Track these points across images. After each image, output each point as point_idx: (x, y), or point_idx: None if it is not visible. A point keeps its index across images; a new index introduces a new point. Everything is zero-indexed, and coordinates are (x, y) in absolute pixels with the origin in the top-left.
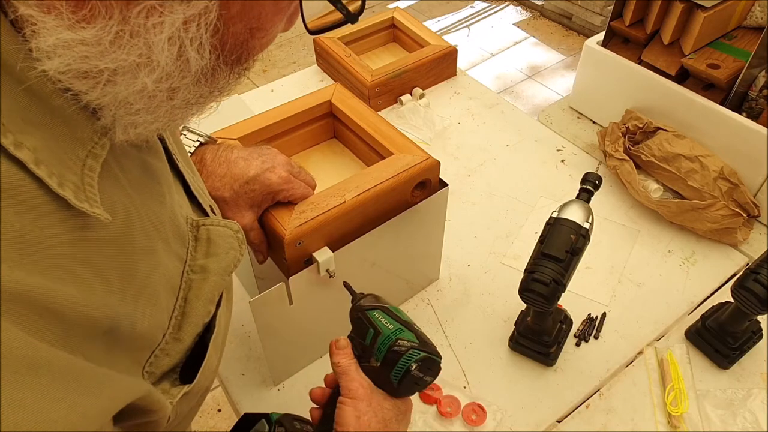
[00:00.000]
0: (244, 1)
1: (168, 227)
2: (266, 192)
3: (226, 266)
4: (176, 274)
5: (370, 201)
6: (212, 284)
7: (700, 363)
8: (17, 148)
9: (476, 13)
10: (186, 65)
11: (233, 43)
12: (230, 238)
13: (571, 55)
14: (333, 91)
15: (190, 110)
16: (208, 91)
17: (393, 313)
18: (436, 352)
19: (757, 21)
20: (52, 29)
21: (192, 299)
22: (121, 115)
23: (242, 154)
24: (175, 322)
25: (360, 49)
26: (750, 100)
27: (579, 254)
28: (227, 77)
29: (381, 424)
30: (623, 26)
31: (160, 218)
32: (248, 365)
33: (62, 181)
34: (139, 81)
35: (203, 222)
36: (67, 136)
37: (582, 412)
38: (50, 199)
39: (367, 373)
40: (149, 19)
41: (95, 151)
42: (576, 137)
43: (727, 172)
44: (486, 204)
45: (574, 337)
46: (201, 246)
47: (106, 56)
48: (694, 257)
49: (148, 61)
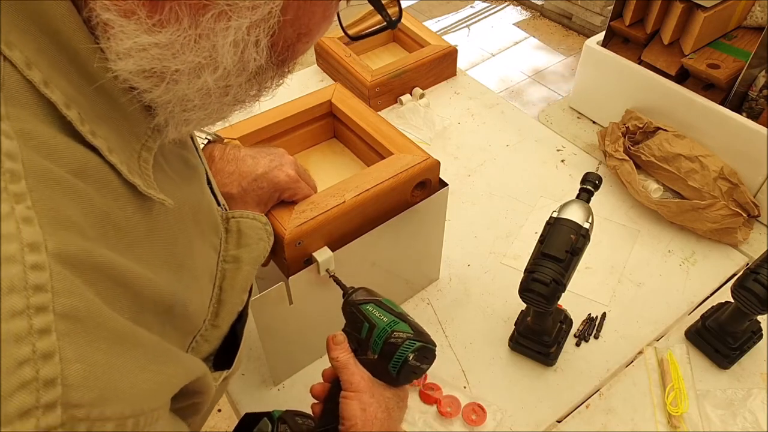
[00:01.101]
0: (298, 8)
1: (205, 217)
2: (273, 190)
3: (256, 256)
4: (212, 263)
5: (369, 201)
6: (245, 273)
7: (700, 363)
8: (93, 136)
9: (476, 13)
10: (244, 65)
11: (282, 46)
12: (259, 229)
13: (571, 55)
14: (333, 91)
15: (235, 107)
16: (256, 90)
17: (386, 306)
18: (431, 340)
19: (757, 21)
20: (131, 33)
21: (227, 288)
22: (177, 112)
23: (250, 152)
24: (213, 309)
25: (360, 49)
26: (750, 100)
27: (579, 254)
28: (272, 78)
29: (385, 413)
30: (623, 26)
31: (200, 207)
32: (248, 365)
33: (130, 169)
34: (201, 80)
35: (232, 215)
36: (125, 130)
37: (582, 412)
38: (123, 185)
39: (365, 366)
40: (218, 23)
41: (148, 144)
42: (576, 137)
43: (727, 172)
44: (486, 204)
45: (574, 337)
46: (232, 237)
47: (177, 58)
48: (694, 257)
49: (212, 62)
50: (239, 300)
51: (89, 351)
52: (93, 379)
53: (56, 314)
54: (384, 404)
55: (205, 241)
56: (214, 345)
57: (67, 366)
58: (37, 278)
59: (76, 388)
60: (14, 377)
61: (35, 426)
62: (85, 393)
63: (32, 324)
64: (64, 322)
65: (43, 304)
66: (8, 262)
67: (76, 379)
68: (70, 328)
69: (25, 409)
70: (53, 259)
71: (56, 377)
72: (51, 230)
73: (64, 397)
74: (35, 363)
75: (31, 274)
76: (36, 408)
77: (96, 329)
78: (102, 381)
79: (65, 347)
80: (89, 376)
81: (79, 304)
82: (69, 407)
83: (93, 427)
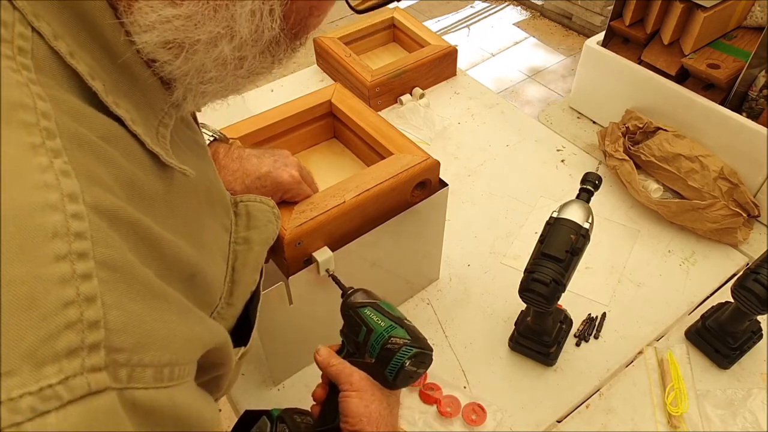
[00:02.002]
0: None
1: (217, 197)
2: (276, 189)
3: (266, 238)
4: (224, 243)
5: (369, 201)
6: (256, 254)
7: (700, 363)
8: (117, 106)
9: (476, 13)
10: (259, 35)
11: (295, 19)
12: (267, 212)
13: (571, 55)
14: (333, 91)
15: (249, 80)
16: (270, 62)
17: (384, 310)
18: (428, 346)
19: (757, 21)
20: (156, 6)
21: (239, 268)
22: (194, 84)
23: (255, 152)
24: (227, 288)
25: (360, 49)
26: (750, 100)
27: (579, 254)
28: (285, 50)
29: (387, 409)
30: (623, 26)
31: (213, 186)
32: (248, 365)
33: (152, 140)
34: (218, 49)
35: (240, 199)
36: (144, 106)
37: (582, 412)
38: (145, 154)
39: (362, 369)
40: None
41: (165, 120)
42: (576, 137)
43: (727, 172)
44: (486, 204)
45: (574, 337)
46: (241, 220)
47: (198, 28)
48: (694, 257)
49: (229, 31)
50: (252, 279)
51: (126, 300)
52: (132, 326)
53: (96, 261)
54: (385, 401)
55: (217, 221)
56: (230, 323)
57: (108, 311)
58: (78, 226)
59: (117, 333)
60: (61, 317)
61: (81, 365)
62: (125, 338)
63: (75, 269)
64: (104, 270)
65: (84, 251)
66: (51, 209)
67: (116, 324)
68: (109, 276)
69: (72, 348)
70: (91, 211)
71: (99, 320)
72: (86, 184)
73: (107, 341)
74: (80, 305)
75: (72, 222)
76: (81, 348)
77: (132, 281)
78: (140, 329)
79: (105, 293)
80: (128, 322)
81: (115, 255)
82: (111, 351)
83: (134, 372)
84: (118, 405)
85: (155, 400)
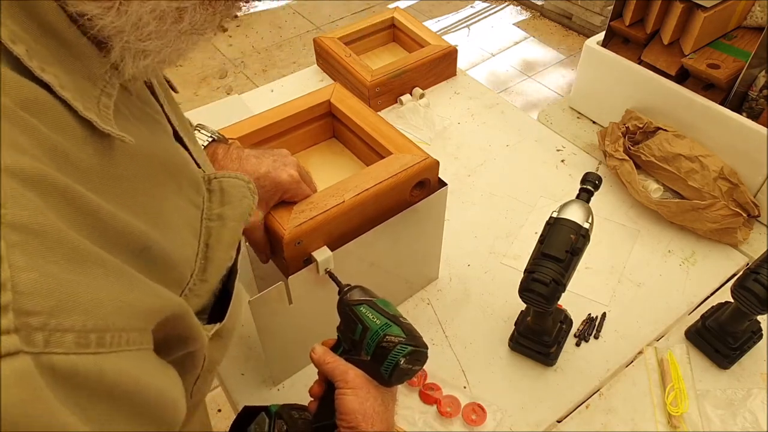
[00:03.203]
0: None
1: (180, 172)
2: (275, 189)
3: (241, 213)
4: (194, 219)
5: (369, 201)
6: (231, 230)
7: (700, 363)
8: (43, 71)
9: (476, 13)
10: None
11: None
12: (242, 187)
13: (571, 55)
14: (332, 91)
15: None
16: (211, 15)
17: (379, 307)
18: (423, 344)
19: (757, 21)
20: None
21: (213, 244)
22: (132, 41)
23: (254, 152)
24: (200, 265)
25: (360, 49)
26: (750, 100)
27: (579, 254)
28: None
29: (382, 406)
30: (623, 26)
31: (172, 161)
32: (248, 365)
33: (86, 106)
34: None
35: (214, 175)
36: (80, 73)
37: (582, 412)
38: (77, 122)
39: (358, 366)
40: None
41: (107, 90)
42: (576, 137)
43: (727, 172)
44: (486, 204)
45: (574, 337)
46: (215, 196)
47: None
48: (694, 257)
49: None
50: (227, 256)
51: (44, 263)
52: (48, 289)
53: (4, 223)
54: (380, 398)
55: (182, 196)
56: (205, 300)
57: (18, 273)
58: None
59: (28, 296)
60: None
61: None
62: (39, 301)
63: None
64: (16, 233)
65: None
66: None
67: (27, 286)
68: (21, 239)
69: None
70: (4, 173)
71: (6, 282)
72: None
73: (15, 303)
74: None
75: None
76: None
77: (55, 244)
78: (59, 292)
79: (15, 255)
80: (44, 285)
81: (33, 218)
82: (22, 314)
83: (51, 337)
84: (33, 369)
85: (76, 365)
